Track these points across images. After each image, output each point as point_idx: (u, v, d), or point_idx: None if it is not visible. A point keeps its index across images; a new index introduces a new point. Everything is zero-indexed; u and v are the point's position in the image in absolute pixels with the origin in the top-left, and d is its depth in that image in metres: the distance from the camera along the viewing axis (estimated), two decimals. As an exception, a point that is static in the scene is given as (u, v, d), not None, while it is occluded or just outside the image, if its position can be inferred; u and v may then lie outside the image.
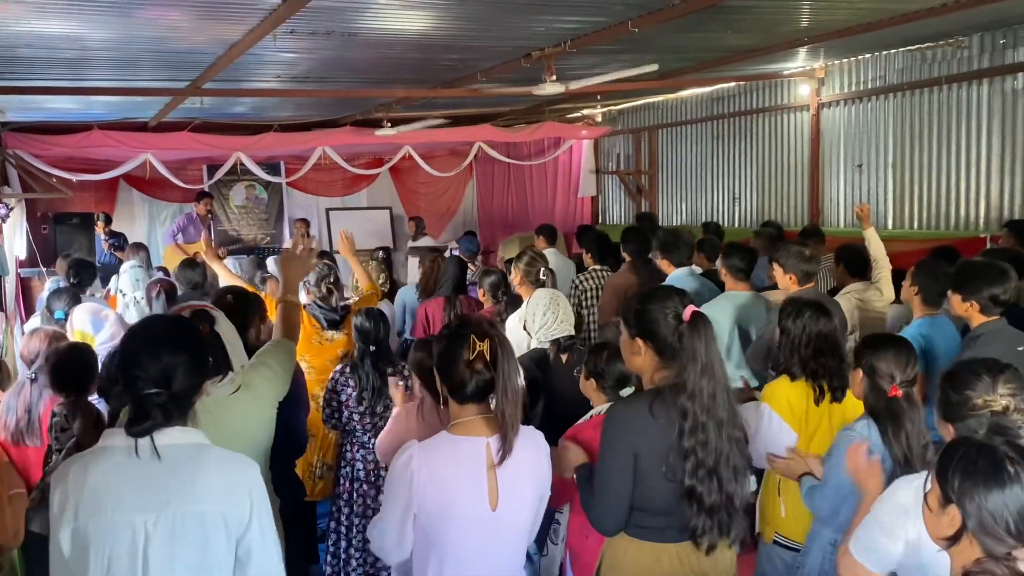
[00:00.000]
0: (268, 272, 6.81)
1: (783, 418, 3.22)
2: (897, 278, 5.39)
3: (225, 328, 2.71)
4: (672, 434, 2.42)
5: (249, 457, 2.16)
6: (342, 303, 5.28)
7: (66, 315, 5.22)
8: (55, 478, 2.01)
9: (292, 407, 3.21)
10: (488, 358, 2.28)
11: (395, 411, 3.52)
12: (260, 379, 2.77)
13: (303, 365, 4.39)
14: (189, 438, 2.05)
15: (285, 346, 2.94)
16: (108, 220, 10.45)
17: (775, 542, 3.33)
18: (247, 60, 6.16)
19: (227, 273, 5.51)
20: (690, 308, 2.48)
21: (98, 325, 5.22)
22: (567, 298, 4.32)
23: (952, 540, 1.84)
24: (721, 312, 4.66)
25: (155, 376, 2.00)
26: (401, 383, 3.57)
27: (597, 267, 5.92)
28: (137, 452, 1.95)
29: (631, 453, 2.44)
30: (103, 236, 10.14)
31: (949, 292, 3.80)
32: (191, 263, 6.29)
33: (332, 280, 5.04)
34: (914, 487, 2.19)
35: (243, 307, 3.30)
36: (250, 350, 2.96)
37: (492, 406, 2.35)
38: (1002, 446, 1.84)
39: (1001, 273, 3.69)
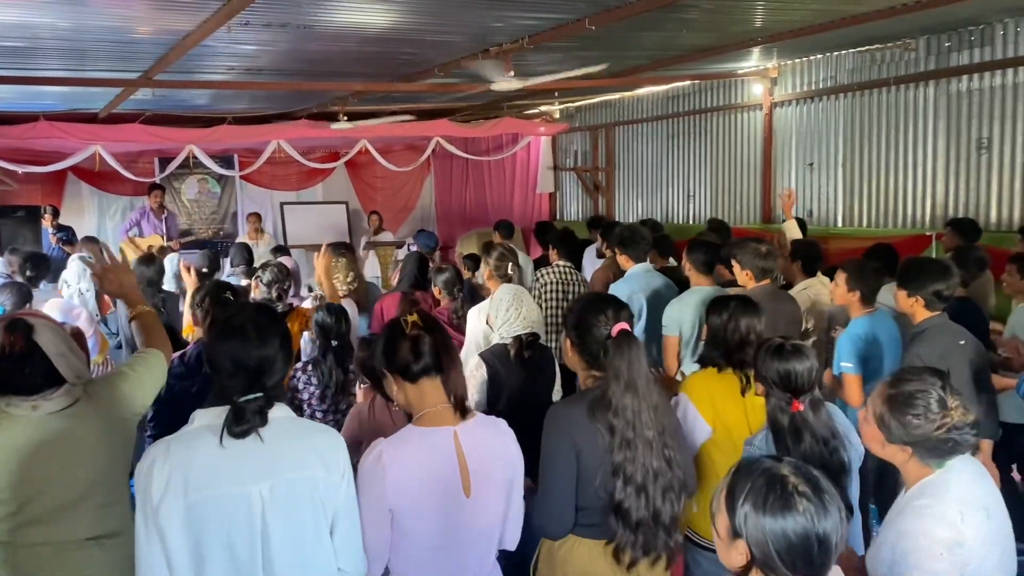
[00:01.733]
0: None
1: (701, 410, 3.17)
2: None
3: (47, 337, 2.43)
4: (605, 441, 2.46)
5: (101, 478, 2.27)
6: (289, 302, 5.22)
7: (5, 310, 5.08)
8: (154, 456, 2.03)
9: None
10: (422, 326, 2.33)
11: (348, 414, 3.54)
12: (105, 388, 2.58)
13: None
14: (281, 412, 2.15)
15: (149, 354, 2.78)
16: (56, 213, 10.20)
17: (686, 537, 3.22)
18: (201, 51, 6.07)
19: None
20: (619, 325, 2.53)
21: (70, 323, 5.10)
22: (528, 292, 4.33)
23: (742, 573, 1.74)
24: (687, 307, 4.73)
25: (251, 373, 2.08)
26: (365, 384, 3.58)
27: (560, 263, 5.94)
28: (222, 443, 2.03)
29: (573, 451, 2.47)
30: (51, 230, 9.89)
31: (895, 288, 3.89)
32: (146, 259, 6.18)
33: (285, 286, 4.99)
34: (946, 522, 2.14)
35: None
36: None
37: (446, 392, 2.35)
38: (793, 475, 1.71)
39: (944, 270, 3.80)
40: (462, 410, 2.35)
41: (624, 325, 2.55)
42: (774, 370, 2.73)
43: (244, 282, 6.19)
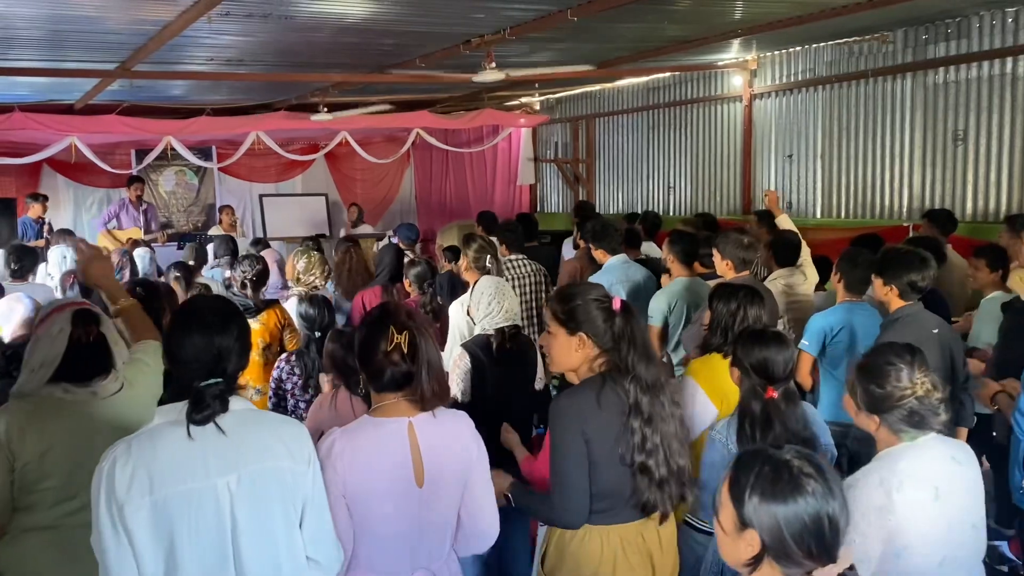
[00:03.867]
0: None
1: (708, 392, 3.24)
2: (824, 264, 5.60)
3: (109, 328, 2.70)
4: (619, 417, 2.50)
5: None
6: (268, 295, 5.21)
7: None
8: (115, 455, 2.00)
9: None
10: (406, 350, 2.29)
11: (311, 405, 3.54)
12: (139, 375, 2.75)
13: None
14: (242, 405, 2.13)
15: (151, 345, 2.87)
16: (45, 199, 9.95)
17: (685, 522, 3.26)
18: (180, 42, 6.02)
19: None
20: (616, 298, 2.62)
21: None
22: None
23: (752, 565, 1.73)
24: (677, 296, 4.80)
25: (210, 362, 2.06)
26: (330, 377, 3.59)
27: (512, 257, 5.92)
28: (189, 433, 2.01)
29: (583, 440, 2.50)
30: (36, 221, 9.63)
31: (872, 276, 3.95)
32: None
33: (252, 277, 4.94)
34: (883, 488, 2.26)
35: (154, 298, 3.26)
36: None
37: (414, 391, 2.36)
38: (796, 460, 1.72)
39: (922, 261, 3.86)
40: (438, 399, 2.35)
41: (619, 298, 2.63)
42: (752, 356, 2.78)
43: (227, 274, 6.15)
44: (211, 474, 2.02)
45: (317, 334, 4.07)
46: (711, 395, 3.24)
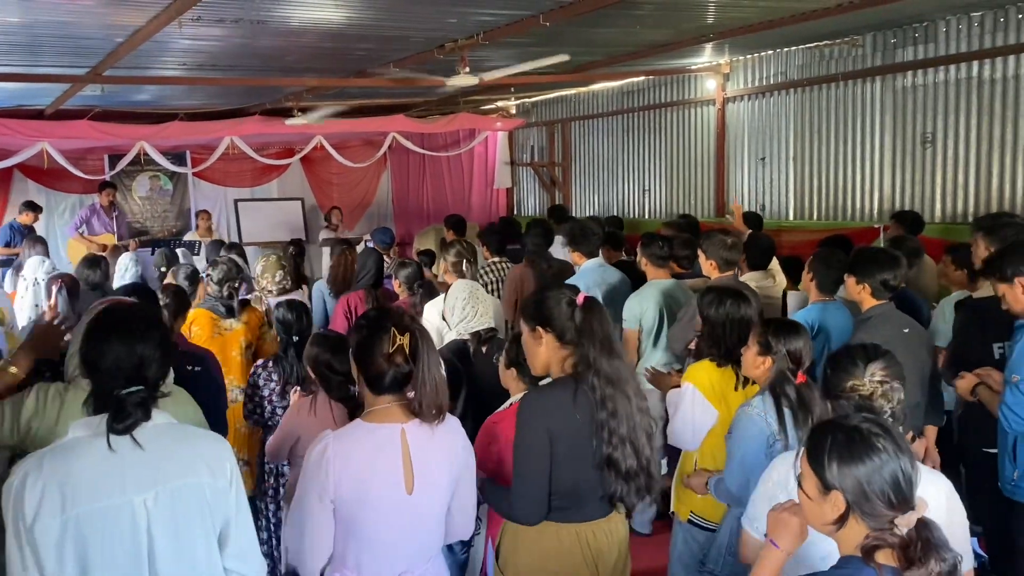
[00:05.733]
0: (198, 272, 6.44)
1: (707, 395, 3.32)
2: (796, 265, 5.66)
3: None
4: (590, 415, 2.53)
5: None
6: (243, 297, 5.20)
7: None
8: (25, 470, 1.92)
9: (214, 397, 3.17)
10: (408, 351, 2.30)
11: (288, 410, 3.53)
12: (191, 409, 2.78)
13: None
14: (163, 419, 2.07)
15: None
16: (40, 211, 9.76)
17: (691, 522, 3.43)
18: (151, 47, 5.98)
19: None
20: (582, 294, 2.66)
21: None
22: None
23: (839, 524, 1.88)
24: (648, 299, 4.82)
25: (131, 370, 2.00)
26: (298, 390, 3.58)
27: (493, 260, 5.95)
28: (110, 445, 1.94)
29: (547, 436, 2.52)
30: (24, 228, 9.42)
31: (845, 275, 4.00)
32: (91, 261, 6.04)
33: (236, 285, 4.94)
34: (787, 463, 2.33)
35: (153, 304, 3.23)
36: None
37: (409, 393, 2.38)
38: (864, 423, 1.89)
39: (893, 260, 3.92)
40: (437, 411, 2.36)
41: (584, 294, 2.67)
42: (789, 343, 2.94)
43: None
44: (128, 491, 1.96)
45: (295, 339, 4.05)
46: (710, 398, 3.29)
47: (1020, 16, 5.99)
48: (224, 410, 3.71)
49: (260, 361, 4.20)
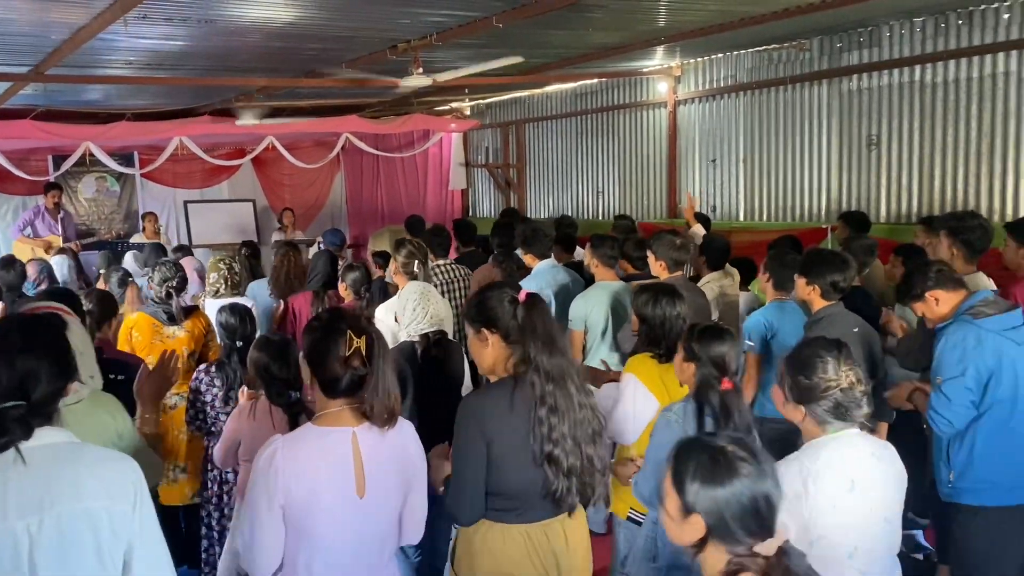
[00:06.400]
0: (129, 275, 6.32)
1: (650, 387, 3.33)
2: (746, 265, 5.76)
3: (77, 334, 2.54)
4: (529, 414, 2.52)
5: None
6: (188, 304, 5.09)
7: None
8: None
9: (134, 407, 3.09)
10: (364, 355, 2.28)
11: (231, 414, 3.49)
12: (108, 417, 2.61)
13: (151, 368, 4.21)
14: (59, 437, 1.93)
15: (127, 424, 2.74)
16: None
17: (630, 518, 3.43)
18: (95, 45, 5.84)
19: None
20: (524, 291, 2.65)
21: None
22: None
23: (699, 547, 1.82)
24: (597, 301, 4.83)
25: (11, 386, 1.87)
26: (246, 391, 3.54)
27: (440, 262, 5.92)
28: None
29: (483, 441, 2.52)
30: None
31: (796, 276, 4.08)
32: (5, 263, 5.88)
33: (175, 284, 4.81)
34: (801, 476, 2.33)
35: (73, 307, 3.15)
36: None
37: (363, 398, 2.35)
38: (729, 445, 1.83)
39: (843, 262, 4.01)
40: (389, 416, 2.33)
41: (526, 291, 2.66)
42: (711, 350, 2.89)
43: (139, 283, 6.00)
44: (9, 515, 1.81)
45: (238, 344, 3.99)
46: (652, 389, 3.31)
47: (960, 22, 6.16)
48: None
49: (203, 366, 4.13)
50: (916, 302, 3.55)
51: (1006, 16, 5.90)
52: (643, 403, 3.32)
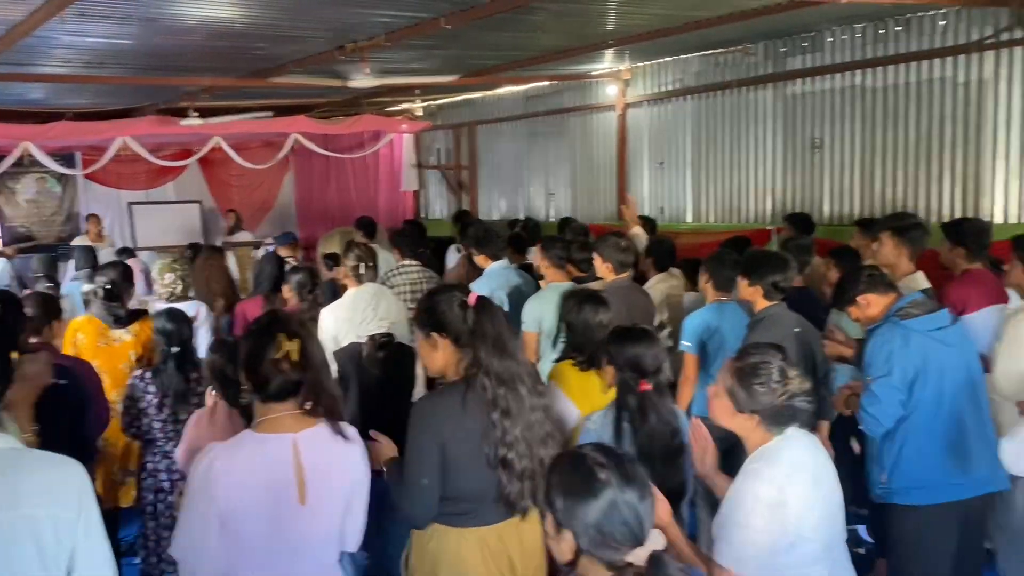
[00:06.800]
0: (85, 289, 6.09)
1: (570, 396, 3.30)
2: (693, 268, 5.80)
3: None
4: (486, 418, 2.52)
5: None
6: (137, 307, 4.99)
7: None
8: None
9: (78, 411, 3.01)
10: (296, 358, 2.25)
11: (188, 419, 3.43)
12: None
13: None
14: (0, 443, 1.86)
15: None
16: None
17: None
18: (32, 42, 5.70)
19: None
20: (473, 294, 2.65)
21: None
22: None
23: (573, 564, 1.76)
24: (548, 303, 4.84)
25: None
26: (214, 392, 3.47)
27: (406, 263, 5.90)
28: None
29: (436, 444, 2.51)
30: None
31: (738, 277, 4.13)
32: None
33: (120, 288, 4.69)
34: (774, 485, 2.32)
35: (10, 312, 3.06)
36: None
37: (302, 403, 2.33)
38: (591, 452, 1.78)
39: (783, 262, 4.07)
40: (332, 416, 2.31)
41: (475, 294, 2.65)
42: (625, 352, 2.87)
43: (87, 287, 5.84)
44: None
45: (175, 349, 3.92)
46: (573, 396, 3.30)
47: (898, 28, 6.32)
48: (94, 425, 3.53)
49: (138, 372, 4.03)
50: (851, 307, 3.63)
51: (942, 23, 6.08)
52: (562, 411, 3.26)
